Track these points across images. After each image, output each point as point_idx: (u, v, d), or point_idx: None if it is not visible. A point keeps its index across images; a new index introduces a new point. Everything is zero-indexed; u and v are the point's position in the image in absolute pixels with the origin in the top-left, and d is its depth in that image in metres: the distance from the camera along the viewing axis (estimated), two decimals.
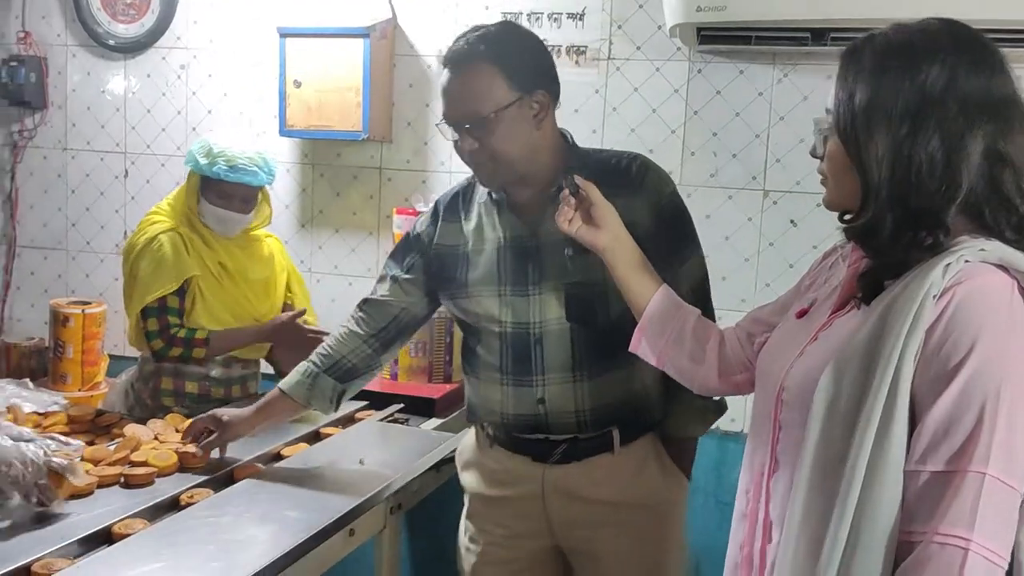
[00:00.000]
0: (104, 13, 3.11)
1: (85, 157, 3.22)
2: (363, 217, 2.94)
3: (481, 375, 1.76)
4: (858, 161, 1.06)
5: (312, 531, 1.62)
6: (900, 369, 0.99)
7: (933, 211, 1.03)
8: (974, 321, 0.97)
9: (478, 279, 1.72)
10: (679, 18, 2.29)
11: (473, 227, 1.75)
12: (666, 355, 1.44)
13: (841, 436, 1.03)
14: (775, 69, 2.50)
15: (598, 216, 1.46)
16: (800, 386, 1.11)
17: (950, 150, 1.02)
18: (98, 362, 2.99)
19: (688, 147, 2.59)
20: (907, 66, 1.04)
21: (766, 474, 1.17)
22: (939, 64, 1.03)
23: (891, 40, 1.08)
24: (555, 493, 1.72)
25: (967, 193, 1.02)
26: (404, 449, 2.09)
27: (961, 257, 1.01)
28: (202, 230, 2.36)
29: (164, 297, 2.30)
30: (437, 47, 2.79)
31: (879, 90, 1.05)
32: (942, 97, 1.02)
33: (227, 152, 2.29)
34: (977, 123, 1.02)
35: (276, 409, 1.91)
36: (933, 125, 1.02)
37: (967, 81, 1.03)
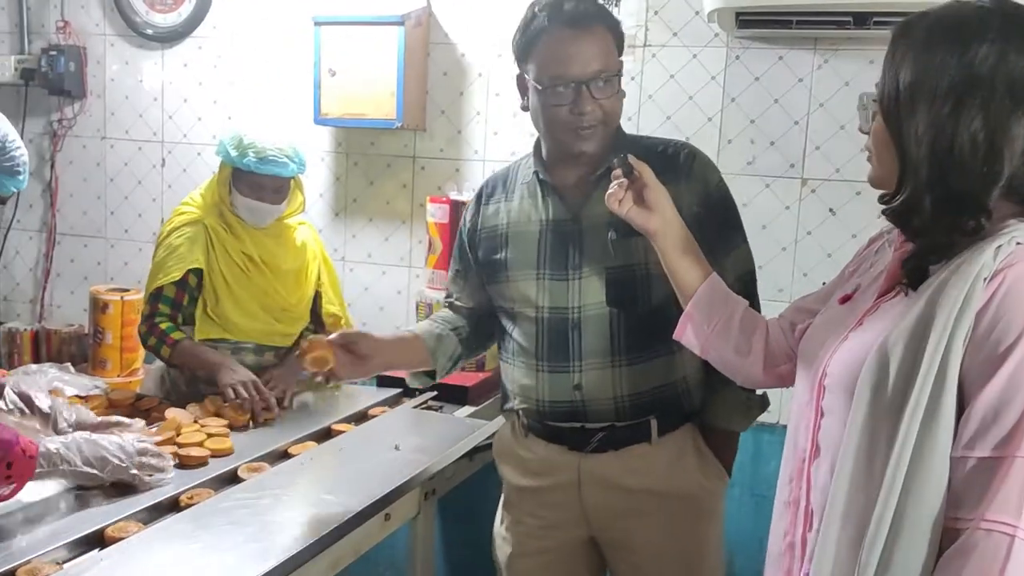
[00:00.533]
0: (142, 3, 3.14)
1: (123, 146, 3.25)
2: (396, 206, 2.94)
3: (516, 361, 1.75)
4: (898, 137, 1.05)
5: (349, 515, 1.63)
6: (949, 353, 0.98)
7: (974, 193, 1.01)
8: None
9: (517, 261, 1.72)
10: (718, 3, 2.26)
11: (515, 208, 1.75)
12: (711, 345, 1.41)
13: (887, 421, 1.01)
14: (815, 55, 2.46)
15: (651, 199, 1.43)
16: (844, 372, 1.10)
17: (994, 132, 1.00)
18: (136, 348, 3.02)
19: (725, 135, 2.57)
20: (955, 43, 1.02)
21: (807, 460, 1.15)
22: (988, 43, 1.01)
23: (942, 17, 1.06)
24: (591, 482, 1.71)
25: (1011, 176, 1.00)
26: (438, 436, 2.10)
27: (1013, 239, 0.99)
28: (232, 220, 2.37)
29: (162, 286, 2.32)
30: (472, 35, 2.79)
31: (925, 66, 1.03)
32: (990, 77, 1.00)
33: (257, 143, 2.28)
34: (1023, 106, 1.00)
35: (407, 348, 1.81)
36: (978, 105, 1.00)
37: (1017, 63, 1.00)
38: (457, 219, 2.57)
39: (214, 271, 2.34)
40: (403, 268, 2.96)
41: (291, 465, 1.87)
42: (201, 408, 2.15)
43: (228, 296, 2.35)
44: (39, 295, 3.41)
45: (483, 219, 1.80)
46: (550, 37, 1.60)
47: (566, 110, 1.60)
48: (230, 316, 2.35)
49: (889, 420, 1.01)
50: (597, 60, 1.60)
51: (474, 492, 2.52)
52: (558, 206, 1.70)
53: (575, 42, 1.59)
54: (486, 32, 2.77)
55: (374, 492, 1.73)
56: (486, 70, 2.79)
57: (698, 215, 1.62)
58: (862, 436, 1.04)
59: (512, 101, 2.76)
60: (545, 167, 1.72)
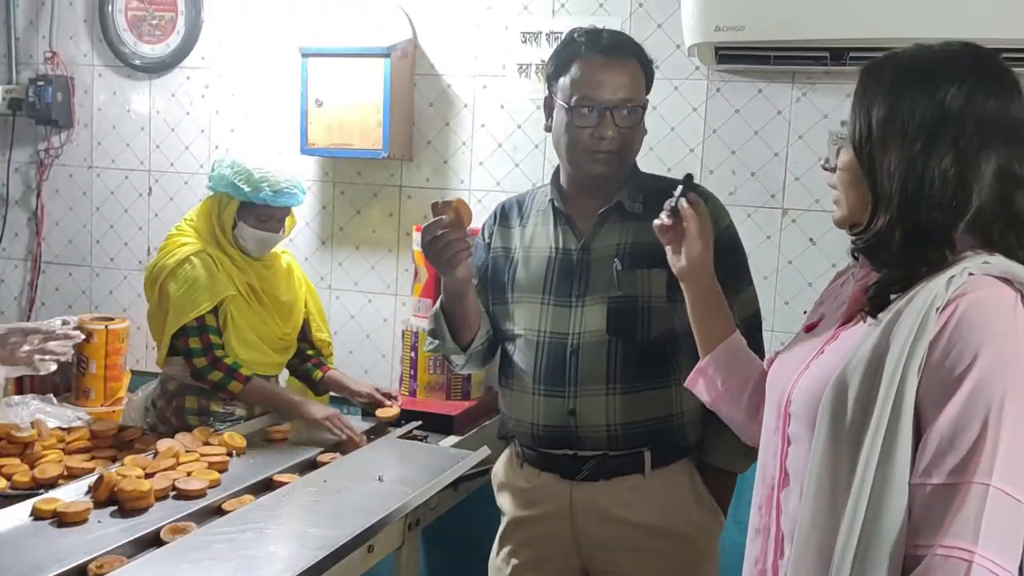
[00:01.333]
0: (130, 34, 3.17)
1: (110, 175, 3.26)
2: (383, 235, 2.96)
3: (514, 385, 1.78)
4: (870, 173, 1.09)
5: (332, 547, 1.63)
6: (904, 381, 1.00)
7: (942, 226, 1.04)
8: (977, 332, 0.98)
9: (524, 285, 1.76)
10: (697, 38, 2.30)
11: (528, 234, 1.79)
12: (721, 402, 1.41)
13: (847, 449, 1.04)
14: (794, 88, 2.50)
15: (685, 244, 1.40)
16: (806, 399, 1.12)
17: (963, 168, 1.03)
18: (121, 377, 3.02)
19: (707, 165, 2.60)
20: (926, 83, 1.06)
21: (776, 488, 1.17)
22: (958, 83, 1.05)
23: (913, 58, 1.11)
24: (583, 512, 1.72)
25: (977, 211, 1.04)
26: (423, 466, 2.10)
27: (965, 270, 1.02)
28: (231, 252, 2.38)
29: (202, 316, 2.30)
30: (457, 67, 2.82)
31: (897, 104, 1.07)
32: (960, 115, 1.04)
33: (269, 177, 2.32)
34: (992, 144, 1.04)
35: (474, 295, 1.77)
36: (948, 142, 1.04)
37: (985, 102, 1.05)
38: None
39: (227, 299, 2.35)
40: (389, 296, 2.97)
41: (273, 498, 1.87)
42: (192, 438, 2.15)
43: (231, 326, 2.36)
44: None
45: (496, 238, 1.85)
46: (584, 61, 1.67)
47: (588, 132, 1.66)
48: (231, 346, 2.36)
49: (849, 448, 1.03)
50: (625, 89, 1.66)
51: (460, 522, 2.52)
52: (569, 235, 1.74)
53: (607, 69, 1.66)
54: (471, 64, 2.81)
55: (357, 524, 1.73)
56: (471, 101, 2.83)
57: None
58: (823, 464, 1.06)
59: (497, 132, 2.80)
60: (561, 196, 1.76)
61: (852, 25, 2.15)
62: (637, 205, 1.72)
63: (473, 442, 2.35)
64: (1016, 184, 1.05)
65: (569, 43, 1.70)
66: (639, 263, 1.68)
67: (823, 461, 1.06)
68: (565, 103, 1.67)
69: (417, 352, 2.63)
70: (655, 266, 1.67)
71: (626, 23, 2.62)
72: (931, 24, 2.06)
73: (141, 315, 3.18)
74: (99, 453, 2.15)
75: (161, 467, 1.94)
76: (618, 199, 1.72)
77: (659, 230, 1.41)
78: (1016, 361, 0.97)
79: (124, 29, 3.17)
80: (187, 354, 2.31)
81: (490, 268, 1.84)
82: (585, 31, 1.71)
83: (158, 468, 1.93)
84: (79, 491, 1.86)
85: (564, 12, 2.70)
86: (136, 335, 3.14)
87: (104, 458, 2.12)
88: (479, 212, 2.79)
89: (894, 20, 2.10)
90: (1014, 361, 0.97)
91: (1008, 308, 1.00)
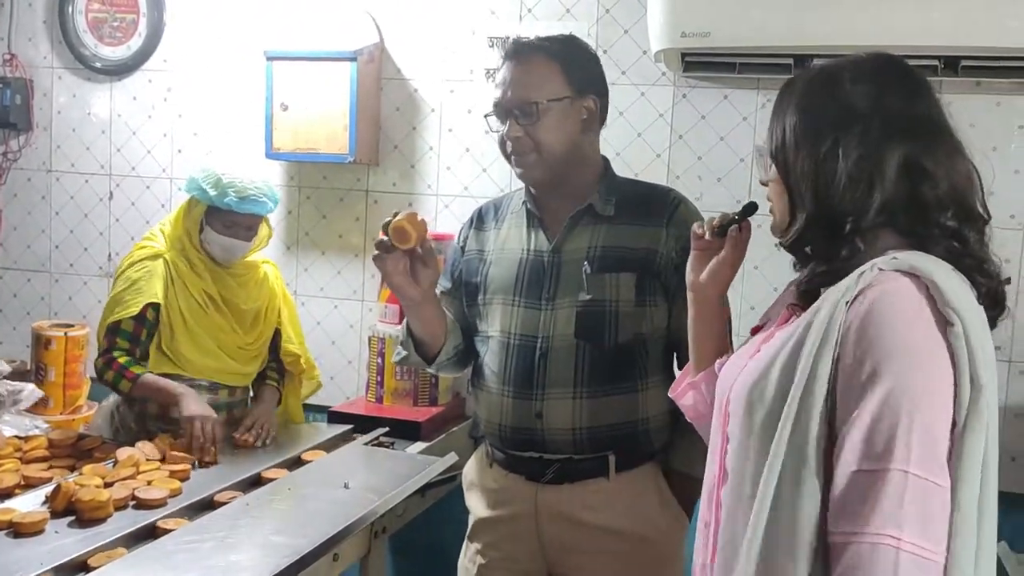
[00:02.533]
0: (91, 35, 3.11)
1: (70, 179, 3.21)
2: (349, 240, 2.93)
3: (485, 386, 1.77)
4: (785, 178, 1.14)
5: (296, 556, 1.60)
6: (815, 375, 1.03)
7: (852, 218, 1.08)
8: (886, 326, 1.00)
9: (495, 286, 1.76)
10: (664, 44, 2.32)
11: (502, 235, 1.80)
12: (704, 419, 1.38)
13: (760, 442, 1.06)
14: (759, 94, 2.52)
15: (714, 264, 1.33)
16: (740, 397, 1.14)
17: (868, 162, 1.08)
18: (80, 385, 2.95)
19: (673, 171, 2.61)
20: (834, 86, 1.12)
21: (717, 485, 1.19)
22: (864, 83, 1.11)
23: (822, 68, 1.17)
24: (548, 515, 1.72)
25: (884, 203, 1.08)
26: (389, 473, 2.08)
27: (874, 266, 1.05)
28: (195, 258, 2.35)
29: (120, 320, 2.28)
30: (424, 71, 2.81)
31: (807, 109, 1.12)
32: (866, 113, 1.09)
33: (236, 183, 2.28)
34: (897, 137, 1.08)
35: (439, 311, 1.76)
36: (856, 139, 1.08)
37: (890, 100, 1.10)
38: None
39: (172, 307, 2.31)
40: (355, 302, 2.95)
41: (236, 506, 1.84)
42: (153, 447, 2.11)
43: (184, 332, 2.32)
44: None
45: (471, 242, 1.85)
46: (501, 69, 1.71)
47: (500, 136, 1.70)
48: (185, 352, 2.32)
49: (762, 441, 1.06)
50: (525, 89, 1.66)
51: (427, 529, 2.50)
52: (541, 237, 1.75)
53: (507, 71, 1.69)
54: (439, 68, 2.80)
55: (322, 532, 1.71)
56: (439, 105, 2.81)
57: (676, 259, 1.67)
58: (739, 458, 1.10)
59: (464, 136, 2.79)
60: (534, 198, 1.77)
61: (816, 32, 2.18)
62: (609, 208, 1.73)
63: (440, 448, 2.33)
64: (923, 176, 1.08)
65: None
66: (609, 267, 1.68)
67: (739, 455, 1.10)
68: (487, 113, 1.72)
69: (384, 358, 2.61)
70: (624, 270, 1.68)
71: (593, 28, 2.63)
72: (892, 32, 2.09)
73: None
74: (57, 462, 2.10)
75: (120, 476, 1.90)
76: (590, 202, 1.72)
77: (694, 237, 1.35)
78: (924, 350, 1.00)
79: (84, 31, 3.12)
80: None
81: (464, 271, 1.84)
82: (517, 38, 1.74)
83: (117, 477, 1.90)
84: (36, 501, 1.82)
85: (531, 17, 2.70)
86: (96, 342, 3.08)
87: (62, 467, 2.07)
88: (447, 217, 2.79)
89: (856, 28, 2.13)
90: (922, 350, 1.00)
91: (913, 297, 1.02)
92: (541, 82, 1.67)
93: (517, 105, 1.66)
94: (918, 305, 1.02)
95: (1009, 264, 2.39)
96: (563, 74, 1.68)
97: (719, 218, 1.33)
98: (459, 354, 1.83)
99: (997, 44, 2.10)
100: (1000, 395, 2.36)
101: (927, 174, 1.08)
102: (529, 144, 1.67)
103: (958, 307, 1.01)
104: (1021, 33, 2.09)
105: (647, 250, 1.69)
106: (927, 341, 1.00)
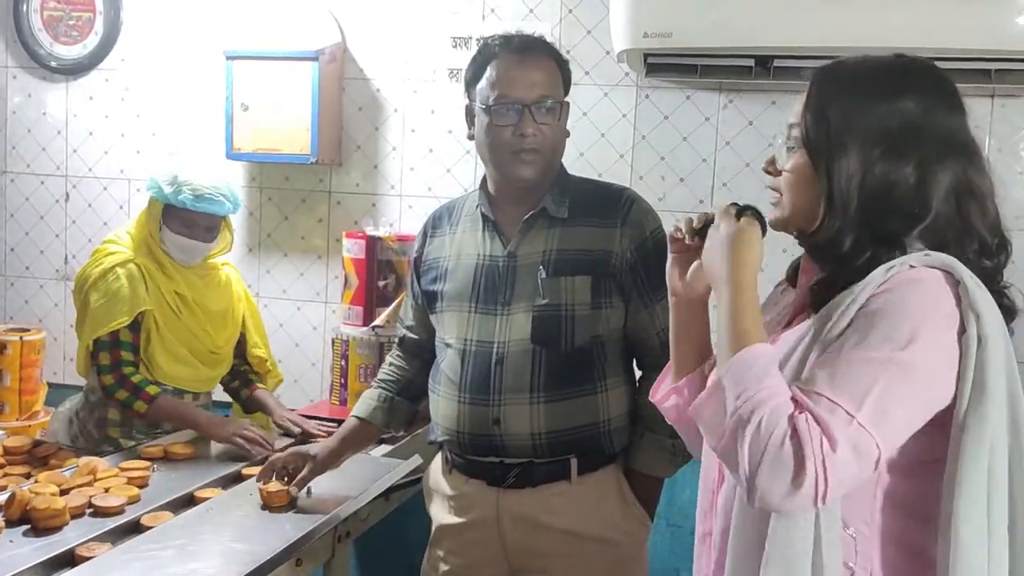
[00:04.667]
0: (46, 34, 3.05)
1: (25, 180, 3.14)
2: (312, 241, 2.91)
3: (442, 392, 1.76)
4: (827, 175, 1.09)
5: (258, 562, 1.58)
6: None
7: (898, 232, 1.06)
8: (907, 300, 1.01)
9: (452, 293, 1.75)
10: (626, 44, 2.32)
11: (457, 240, 1.78)
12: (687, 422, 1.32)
13: None
14: (721, 95, 2.54)
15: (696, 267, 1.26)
16: None
17: (923, 176, 1.06)
18: (37, 390, 2.90)
19: (636, 171, 2.62)
20: (886, 91, 1.09)
21: (715, 491, 1.18)
22: (919, 95, 1.08)
23: (865, 65, 1.13)
24: (510, 519, 1.71)
25: (933, 218, 1.06)
26: (352, 477, 2.05)
27: (905, 263, 1.04)
28: (162, 259, 2.30)
29: (117, 331, 2.23)
30: (387, 71, 2.79)
31: (855, 109, 1.08)
32: (920, 126, 1.07)
33: (193, 181, 2.24)
34: (949, 156, 1.07)
35: (357, 437, 1.91)
36: (911, 151, 1.06)
37: (945, 117, 1.08)
38: (373, 255, 2.57)
39: (146, 314, 2.26)
40: (319, 304, 2.92)
41: (195, 513, 1.81)
42: None
43: (157, 339, 2.28)
44: None
45: (428, 251, 1.83)
46: (499, 61, 1.67)
47: (509, 131, 1.65)
48: (158, 360, 2.28)
49: None
50: (542, 86, 1.66)
51: (393, 532, 2.49)
52: (496, 241, 1.73)
53: (522, 66, 1.66)
54: (401, 68, 2.78)
55: (283, 538, 1.68)
56: (402, 106, 2.80)
57: (631, 259, 1.67)
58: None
59: (427, 137, 2.78)
60: (489, 202, 1.75)
61: (777, 33, 2.19)
62: (563, 210, 1.71)
63: (405, 451, 2.31)
64: (970, 195, 1.08)
65: (483, 48, 1.71)
66: (564, 270, 1.67)
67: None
68: (484, 104, 1.66)
69: (347, 360, 2.59)
70: (579, 273, 1.67)
71: (556, 28, 2.63)
72: (854, 33, 2.11)
73: (58, 326, 3.08)
74: (12, 470, 2.06)
75: (77, 483, 1.86)
76: (543, 204, 1.71)
77: (671, 240, 1.28)
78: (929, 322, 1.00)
79: (40, 29, 3.06)
80: (98, 370, 2.24)
81: (423, 279, 1.83)
82: (499, 36, 1.71)
83: (73, 484, 1.86)
84: None
85: (494, 17, 2.69)
86: (53, 346, 3.02)
87: (18, 475, 2.03)
88: (410, 218, 2.78)
89: (818, 29, 2.14)
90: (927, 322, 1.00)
91: (941, 287, 1.02)
92: (556, 83, 1.69)
93: (538, 101, 1.64)
94: (944, 295, 1.02)
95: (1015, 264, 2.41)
96: (562, 76, 1.72)
97: (697, 218, 1.26)
98: (417, 411, 1.93)
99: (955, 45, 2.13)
100: None
101: (975, 195, 1.08)
102: (541, 142, 1.66)
103: (980, 310, 1.01)
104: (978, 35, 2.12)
105: (602, 251, 1.68)
106: (936, 331, 1.00)
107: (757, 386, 0.99)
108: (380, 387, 1.92)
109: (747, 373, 1.01)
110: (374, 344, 2.53)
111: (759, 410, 0.97)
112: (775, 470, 0.95)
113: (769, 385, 0.99)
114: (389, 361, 1.97)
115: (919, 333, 0.99)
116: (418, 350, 1.90)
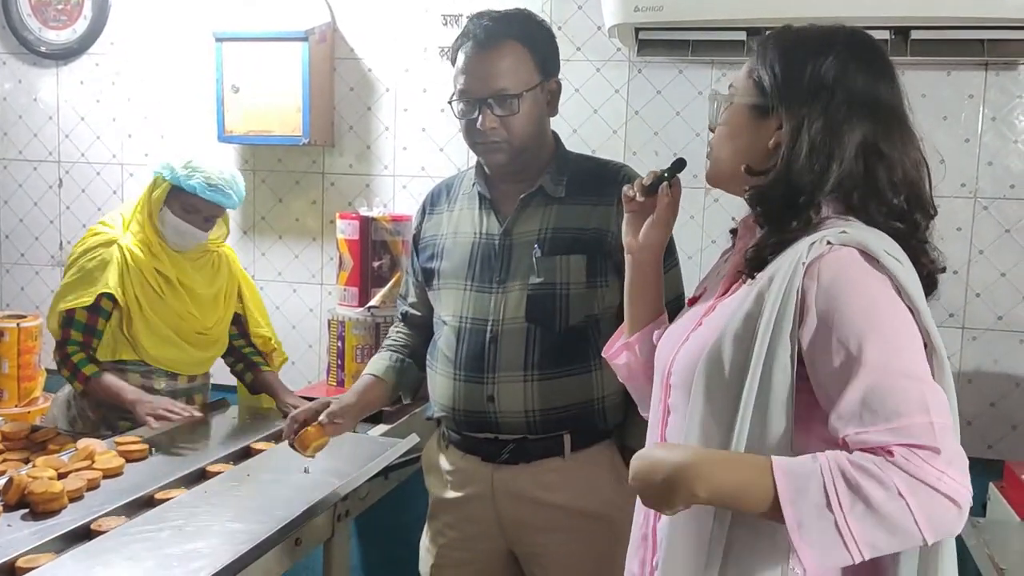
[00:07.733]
0: (35, 19, 3.03)
1: (17, 167, 3.13)
2: (306, 223, 2.90)
3: (438, 368, 1.77)
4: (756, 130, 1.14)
5: (256, 541, 1.59)
6: (776, 342, 1.04)
7: (809, 190, 1.10)
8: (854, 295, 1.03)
9: (448, 271, 1.75)
10: (617, 19, 2.30)
11: (455, 218, 1.79)
12: (636, 378, 1.39)
13: (724, 413, 1.07)
14: (713, 69, 2.53)
15: (648, 225, 1.33)
16: (684, 370, 1.15)
17: (829, 136, 1.09)
18: (35, 377, 2.90)
19: (630, 147, 2.61)
20: (812, 51, 1.13)
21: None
22: (838, 57, 1.12)
23: (806, 30, 1.17)
24: (504, 494, 1.72)
25: (839, 179, 1.10)
26: (351, 456, 2.06)
27: (824, 238, 1.07)
28: (151, 238, 2.30)
29: (73, 309, 2.25)
30: (378, 50, 2.78)
31: (786, 68, 1.13)
32: (832, 85, 1.10)
33: (207, 169, 2.25)
34: (858, 116, 1.10)
35: (373, 394, 1.86)
36: (820, 109, 1.10)
37: (855, 77, 1.11)
38: (368, 235, 2.56)
39: (128, 295, 2.27)
40: (314, 286, 2.92)
41: (193, 494, 1.82)
42: None
43: (141, 320, 2.28)
44: None
45: (426, 228, 1.84)
46: (462, 52, 1.67)
47: (466, 123, 1.67)
48: (142, 341, 2.29)
49: (725, 413, 1.07)
50: (500, 79, 1.64)
51: (392, 511, 2.50)
52: (492, 220, 1.74)
53: (478, 60, 1.64)
54: (392, 47, 2.77)
55: (282, 517, 1.69)
56: (393, 85, 2.78)
57: None
58: (700, 429, 1.09)
59: (420, 116, 2.76)
60: (485, 180, 1.76)
61: (768, 5, 2.17)
62: (560, 189, 1.72)
63: (403, 430, 2.32)
64: (879, 158, 1.10)
65: (459, 34, 1.70)
66: (559, 249, 1.67)
67: (700, 426, 1.09)
68: (451, 97, 1.69)
69: (344, 341, 2.59)
70: (575, 252, 1.67)
71: (547, 5, 2.61)
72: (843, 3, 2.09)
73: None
74: (11, 455, 2.07)
75: (75, 467, 1.87)
76: (540, 183, 1.71)
77: (625, 199, 1.34)
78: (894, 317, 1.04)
79: (28, 14, 3.04)
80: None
81: (421, 256, 1.83)
82: (474, 16, 1.69)
83: (71, 468, 1.86)
84: None
85: None
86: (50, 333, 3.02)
87: (16, 460, 2.03)
88: (404, 198, 2.77)
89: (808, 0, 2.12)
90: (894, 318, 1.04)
91: (862, 263, 1.05)
92: (515, 70, 1.65)
93: (493, 96, 1.63)
94: (868, 267, 1.05)
95: (961, 232, 2.42)
96: (532, 59, 1.67)
97: (647, 176, 1.31)
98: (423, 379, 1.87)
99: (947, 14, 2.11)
100: (954, 361, 2.41)
101: (884, 157, 1.10)
102: (503, 135, 1.65)
103: (904, 283, 1.05)
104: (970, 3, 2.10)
105: (597, 230, 1.68)
106: (893, 306, 1.04)
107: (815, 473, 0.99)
108: (390, 349, 1.92)
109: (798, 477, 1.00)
110: (370, 325, 2.54)
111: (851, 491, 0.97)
112: (931, 514, 0.97)
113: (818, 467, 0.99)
114: (395, 330, 1.96)
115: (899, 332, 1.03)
116: (422, 324, 1.90)
